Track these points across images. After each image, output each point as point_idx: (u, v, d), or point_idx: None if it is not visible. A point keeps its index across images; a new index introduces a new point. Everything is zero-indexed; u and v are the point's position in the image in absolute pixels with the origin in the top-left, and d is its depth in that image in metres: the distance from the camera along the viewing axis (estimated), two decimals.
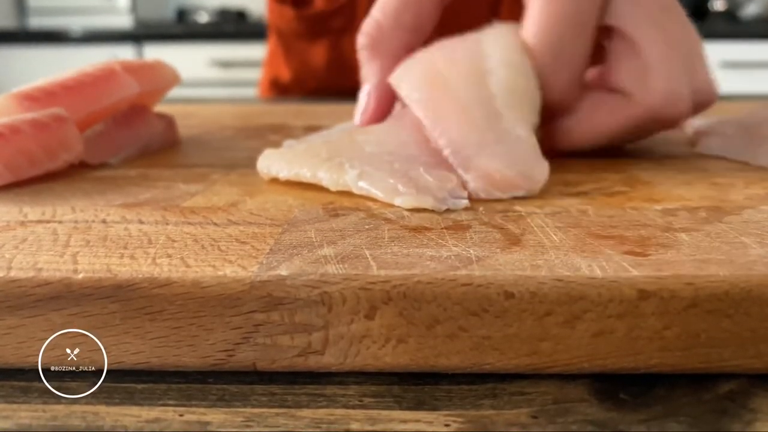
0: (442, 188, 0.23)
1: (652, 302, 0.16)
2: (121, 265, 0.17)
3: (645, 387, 0.16)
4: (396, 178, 0.23)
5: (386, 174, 0.24)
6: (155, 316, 0.16)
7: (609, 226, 0.20)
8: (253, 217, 0.21)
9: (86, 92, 0.31)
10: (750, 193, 0.24)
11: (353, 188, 0.23)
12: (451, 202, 0.22)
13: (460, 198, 0.23)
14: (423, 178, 0.23)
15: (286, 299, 0.16)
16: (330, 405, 0.16)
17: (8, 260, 0.17)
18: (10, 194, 0.25)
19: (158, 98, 0.37)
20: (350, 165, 0.24)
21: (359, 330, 0.16)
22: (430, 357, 0.16)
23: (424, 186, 0.23)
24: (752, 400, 0.16)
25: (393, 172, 0.24)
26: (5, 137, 0.26)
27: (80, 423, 0.15)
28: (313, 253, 0.18)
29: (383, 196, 0.23)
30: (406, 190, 0.22)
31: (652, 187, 0.25)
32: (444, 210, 0.22)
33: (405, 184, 0.23)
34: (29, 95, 0.28)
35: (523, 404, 0.16)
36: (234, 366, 0.17)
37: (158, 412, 0.16)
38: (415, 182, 0.23)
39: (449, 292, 0.16)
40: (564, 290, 0.16)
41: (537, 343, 0.16)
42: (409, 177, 0.23)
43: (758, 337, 0.16)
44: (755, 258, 0.17)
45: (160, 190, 0.25)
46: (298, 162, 0.26)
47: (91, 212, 0.22)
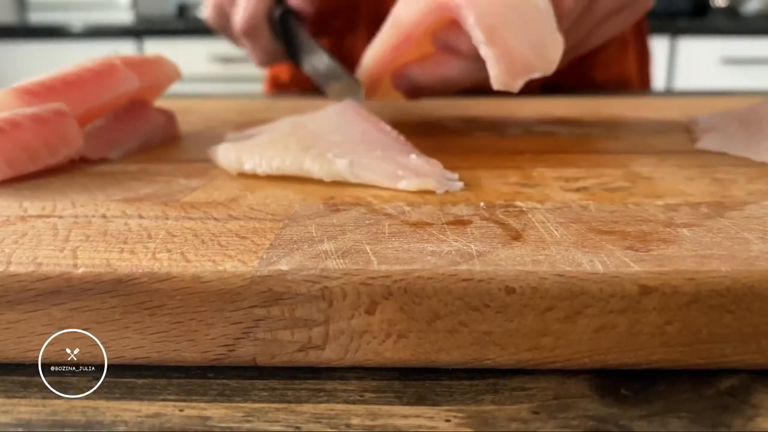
0: (436, 171, 0.23)
1: (653, 298, 0.16)
2: (121, 260, 0.17)
3: (646, 382, 0.16)
4: (390, 164, 0.23)
5: (377, 161, 0.24)
6: (155, 311, 0.16)
7: (610, 221, 0.20)
8: (253, 212, 0.21)
9: (86, 87, 0.30)
10: (752, 189, 0.24)
11: (349, 177, 0.23)
12: (448, 183, 0.23)
13: (453, 180, 0.24)
14: (415, 162, 0.24)
15: (286, 294, 0.16)
16: (330, 400, 0.16)
17: (8, 255, 0.17)
18: (10, 189, 0.25)
19: (159, 93, 0.37)
20: (334, 155, 0.24)
21: (360, 325, 0.16)
22: (431, 352, 0.16)
23: (419, 169, 0.23)
24: (753, 395, 0.16)
25: (383, 158, 0.24)
26: (5, 132, 0.26)
27: (80, 418, 0.15)
28: (313, 248, 0.18)
29: (386, 182, 0.23)
30: (405, 174, 0.23)
31: (654, 183, 0.25)
32: (444, 192, 0.23)
33: (402, 169, 0.23)
34: (29, 90, 0.28)
35: (524, 400, 0.16)
36: (234, 361, 0.17)
37: (158, 407, 0.16)
38: (409, 167, 0.23)
39: (450, 287, 0.16)
40: (565, 285, 0.16)
41: (538, 339, 0.16)
42: (399, 162, 0.23)
43: (760, 332, 0.16)
44: (757, 253, 0.17)
45: (161, 185, 0.25)
46: (275, 155, 0.25)
47: (91, 207, 0.22)
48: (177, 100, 0.53)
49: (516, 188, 0.24)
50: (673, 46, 1.66)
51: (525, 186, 0.25)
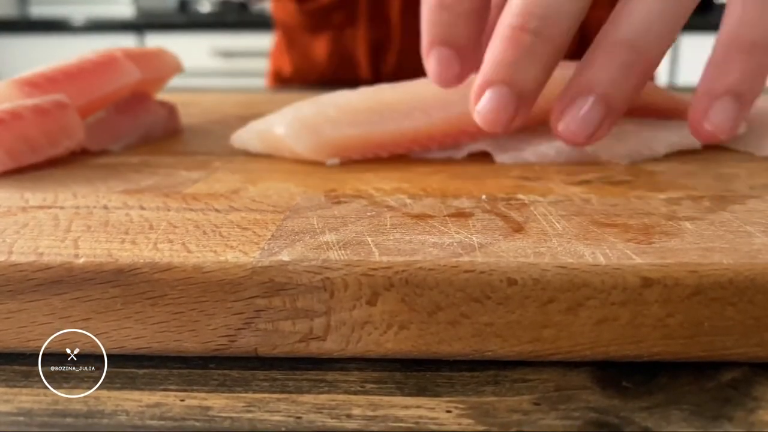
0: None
1: (655, 290, 0.16)
2: (123, 250, 0.17)
3: (648, 375, 0.16)
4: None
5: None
6: (156, 301, 0.16)
7: (612, 214, 0.20)
8: (255, 204, 0.21)
9: (88, 79, 0.30)
10: (754, 183, 0.24)
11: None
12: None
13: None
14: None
15: (287, 285, 0.16)
16: (331, 391, 0.16)
17: (9, 245, 0.17)
18: (12, 180, 0.25)
19: (160, 86, 0.37)
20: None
21: (361, 316, 0.16)
22: (432, 343, 0.16)
23: None
24: (755, 388, 0.16)
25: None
26: (6, 123, 0.26)
27: (81, 407, 0.15)
28: (315, 239, 0.18)
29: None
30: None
31: (656, 177, 0.25)
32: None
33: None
34: (30, 81, 0.28)
35: (525, 391, 0.16)
36: (235, 351, 0.17)
37: (159, 397, 0.16)
38: None
39: (451, 278, 0.16)
40: (567, 277, 0.16)
41: (539, 330, 0.16)
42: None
43: (762, 325, 0.16)
44: (759, 246, 0.17)
45: (162, 176, 0.25)
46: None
47: (93, 198, 0.22)
48: (178, 93, 0.53)
49: (518, 181, 0.24)
50: (677, 41, 1.66)
51: (527, 179, 0.24)
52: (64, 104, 0.28)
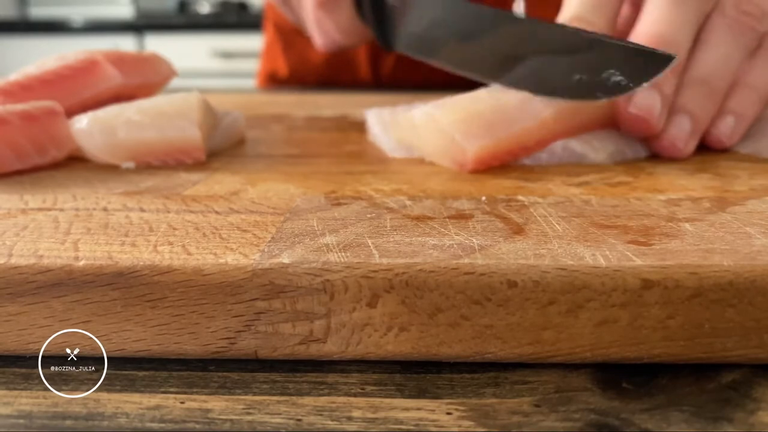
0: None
1: (655, 292, 0.16)
2: (123, 253, 0.17)
3: (648, 376, 0.16)
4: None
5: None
6: (156, 303, 0.16)
7: (612, 215, 0.20)
8: (254, 206, 0.21)
9: (65, 85, 0.29)
10: (754, 184, 0.24)
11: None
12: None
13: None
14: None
15: (287, 287, 0.16)
16: (332, 393, 0.16)
17: (9, 247, 0.17)
18: (12, 182, 0.25)
19: (154, 91, 0.37)
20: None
21: (361, 318, 0.16)
22: (432, 345, 0.16)
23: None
24: (755, 389, 0.16)
25: None
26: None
27: (81, 410, 0.15)
28: (315, 241, 0.18)
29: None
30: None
31: (656, 178, 0.25)
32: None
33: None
34: (2, 89, 0.27)
35: (526, 393, 0.16)
36: (235, 354, 0.17)
37: (159, 400, 0.16)
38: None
39: (452, 280, 0.16)
40: (567, 279, 0.16)
41: (540, 332, 0.16)
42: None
43: (762, 327, 0.16)
44: (759, 248, 0.17)
45: (162, 178, 0.25)
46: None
47: (93, 200, 0.22)
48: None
49: (518, 183, 0.24)
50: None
51: (527, 180, 0.24)
52: (54, 111, 0.27)
